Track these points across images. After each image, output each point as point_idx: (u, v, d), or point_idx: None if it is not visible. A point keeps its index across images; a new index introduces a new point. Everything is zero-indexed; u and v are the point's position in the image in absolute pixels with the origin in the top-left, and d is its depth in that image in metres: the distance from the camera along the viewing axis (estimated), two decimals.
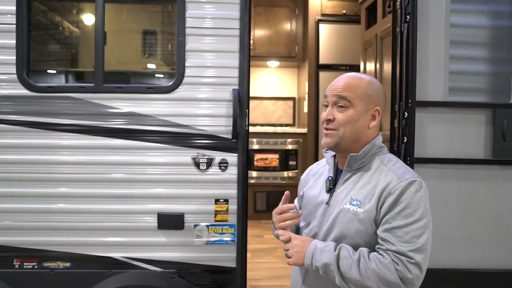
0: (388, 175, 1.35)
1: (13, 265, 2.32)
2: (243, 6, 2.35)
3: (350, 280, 1.29)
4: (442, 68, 2.37)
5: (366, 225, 1.33)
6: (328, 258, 1.31)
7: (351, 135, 1.41)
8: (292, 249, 1.39)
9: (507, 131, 2.37)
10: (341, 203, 1.39)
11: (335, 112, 1.41)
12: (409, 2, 2.34)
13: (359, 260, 1.29)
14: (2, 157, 2.31)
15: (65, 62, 2.93)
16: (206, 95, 2.36)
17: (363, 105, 1.41)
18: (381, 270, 1.25)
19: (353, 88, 1.41)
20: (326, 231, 1.41)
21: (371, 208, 1.33)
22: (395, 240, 1.27)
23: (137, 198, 2.34)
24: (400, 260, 1.25)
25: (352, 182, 1.41)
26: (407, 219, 1.28)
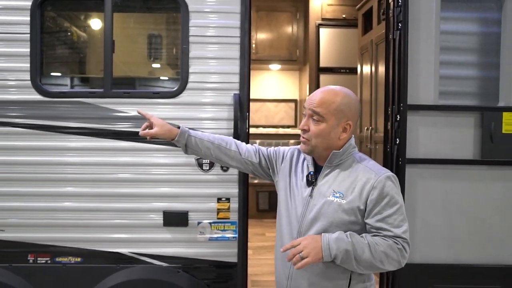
0: (366, 171, 1.54)
1: (27, 260, 2.46)
2: (243, 15, 2.47)
3: (362, 263, 1.46)
4: (433, 73, 2.48)
5: (350, 214, 1.52)
6: (345, 245, 1.45)
7: (322, 145, 1.56)
8: (306, 248, 1.45)
9: (494, 133, 2.48)
10: (324, 195, 1.55)
11: (310, 123, 1.57)
12: (401, 10, 2.45)
13: (369, 244, 1.47)
14: (18, 158, 2.45)
15: (76, 69, 3.07)
16: (209, 99, 2.49)
17: (335, 120, 1.55)
18: (387, 251, 1.47)
19: (326, 103, 1.54)
20: (311, 221, 1.55)
21: (354, 199, 1.52)
22: (389, 226, 1.49)
23: (143, 197, 2.47)
24: (398, 241, 1.49)
25: (332, 177, 1.57)
26: (393, 208, 1.50)
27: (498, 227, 2.52)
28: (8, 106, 2.44)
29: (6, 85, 2.45)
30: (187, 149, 1.76)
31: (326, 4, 5.05)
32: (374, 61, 3.35)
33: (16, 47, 2.44)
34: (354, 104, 1.60)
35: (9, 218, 2.46)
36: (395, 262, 1.50)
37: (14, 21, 2.43)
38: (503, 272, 2.52)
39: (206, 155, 1.78)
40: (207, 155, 1.78)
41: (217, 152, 1.77)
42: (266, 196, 5.01)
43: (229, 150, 1.77)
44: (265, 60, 5.38)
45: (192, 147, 1.76)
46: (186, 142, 1.74)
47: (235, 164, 1.79)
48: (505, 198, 2.51)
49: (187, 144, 1.75)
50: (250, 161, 1.77)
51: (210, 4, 2.48)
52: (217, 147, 1.76)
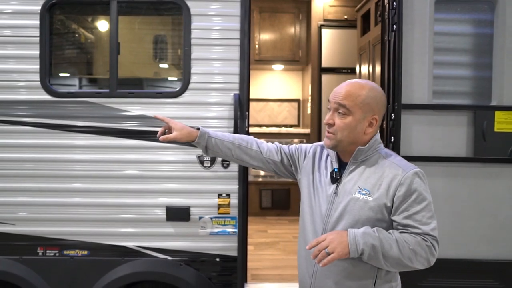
0: (392, 167, 1.50)
1: (37, 252, 2.57)
2: (243, 18, 2.56)
3: (389, 259, 1.42)
4: (427, 73, 2.55)
5: (376, 212, 1.47)
6: (373, 240, 1.41)
7: (348, 139, 1.51)
8: (331, 243, 1.40)
9: (487, 131, 2.54)
10: (350, 193, 1.50)
11: (336, 117, 1.52)
12: (396, 12, 2.53)
13: (396, 240, 1.42)
14: (27, 156, 2.57)
15: (83, 70, 3.19)
16: (210, 99, 2.59)
17: (361, 113, 1.50)
18: (416, 248, 1.42)
19: (352, 96, 1.50)
20: (337, 219, 1.51)
21: (381, 196, 1.47)
22: (417, 223, 1.45)
23: (147, 193, 2.58)
24: (427, 238, 1.44)
25: (357, 173, 1.52)
26: (420, 204, 1.46)
27: (490, 224, 2.58)
28: (18, 106, 2.56)
29: (16, 85, 2.57)
30: (207, 150, 1.71)
31: (328, 5, 5.12)
32: (371, 62, 3.42)
33: (26, 50, 2.55)
34: (381, 98, 1.55)
35: (19, 213, 2.57)
36: (423, 260, 1.45)
37: (24, 24, 2.55)
38: (496, 266, 2.58)
39: (226, 155, 1.73)
40: (228, 155, 1.72)
41: (238, 152, 1.71)
42: (269, 194, 5.09)
43: (250, 149, 1.71)
44: (268, 60, 5.46)
45: (212, 149, 1.70)
46: (206, 144, 1.69)
47: (257, 164, 1.73)
48: (497, 195, 2.57)
49: (207, 146, 1.70)
50: (272, 160, 1.71)
51: (211, 7, 2.57)
52: (238, 147, 1.70)
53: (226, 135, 1.73)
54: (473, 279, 2.57)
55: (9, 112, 2.56)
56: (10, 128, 2.56)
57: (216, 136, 1.70)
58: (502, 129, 2.55)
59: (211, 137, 1.70)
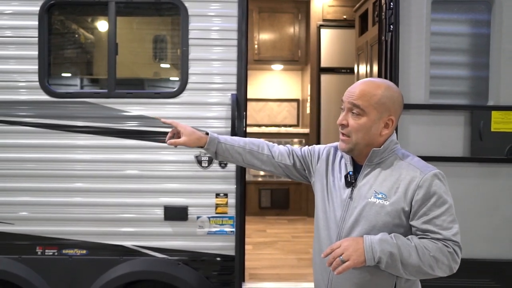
0: (410, 169, 1.42)
1: (36, 252, 2.59)
2: (240, 18, 2.57)
3: (408, 267, 1.34)
4: (423, 73, 2.56)
5: (394, 217, 1.40)
6: (390, 247, 1.33)
7: (363, 141, 1.44)
8: (346, 250, 1.34)
9: (483, 131, 2.55)
10: (365, 197, 1.43)
11: (349, 118, 1.44)
12: (392, 13, 2.54)
13: (416, 247, 1.34)
14: (26, 155, 2.58)
15: (82, 70, 3.20)
16: (208, 99, 2.60)
17: (377, 113, 1.42)
18: (437, 255, 1.34)
19: (367, 95, 1.42)
20: (352, 224, 1.44)
21: (398, 200, 1.39)
22: (437, 228, 1.36)
23: (145, 193, 2.59)
24: (449, 244, 1.36)
25: (373, 176, 1.45)
26: (440, 208, 1.38)
27: (487, 223, 2.59)
28: (18, 106, 2.58)
29: (16, 86, 2.58)
30: (217, 155, 1.66)
31: (327, 5, 5.13)
32: (369, 62, 3.43)
33: (25, 50, 2.57)
34: (398, 97, 1.47)
35: (18, 212, 2.59)
36: (445, 267, 1.37)
37: (23, 25, 2.57)
38: (493, 266, 2.59)
39: (237, 161, 1.67)
40: (238, 161, 1.67)
41: (249, 158, 1.65)
42: (268, 194, 5.10)
43: (261, 154, 1.65)
44: (268, 60, 5.47)
45: (222, 154, 1.65)
46: (216, 149, 1.64)
47: (268, 169, 1.67)
48: (493, 194, 2.58)
49: (217, 151, 1.64)
50: (284, 164, 1.65)
51: (209, 8, 2.59)
52: (249, 152, 1.65)
53: (236, 140, 1.67)
54: (470, 279, 2.57)
55: (8, 112, 2.57)
56: (9, 128, 2.57)
57: (226, 141, 1.65)
58: (499, 129, 2.56)
59: (221, 142, 1.64)
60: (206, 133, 1.65)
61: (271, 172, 1.70)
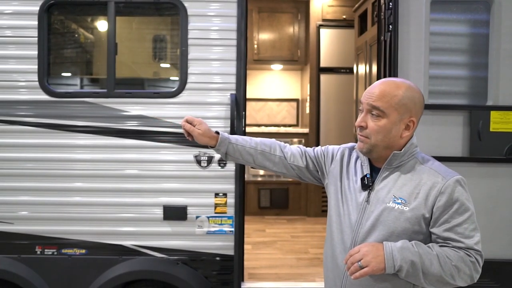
0: (431, 174, 1.37)
1: (35, 251, 2.59)
2: (239, 18, 2.58)
3: (429, 276, 1.30)
4: (422, 73, 2.56)
5: (413, 223, 1.35)
6: (412, 255, 1.29)
7: (383, 144, 1.38)
8: (366, 256, 1.29)
9: (482, 131, 2.56)
10: (383, 201, 1.38)
11: (369, 120, 1.39)
12: (391, 13, 2.54)
13: (437, 256, 1.30)
14: (26, 155, 2.59)
15: (81, 70, 3.21)
16: (207, 99, 2.60)
17: (397, 115, 1.37)
18: (459, 264, 1.30)
19: (388, 96, 1.36)
20: (369, 229, 1.39)
21: (418, 206, 1.34)
22: (458, 237, 1.32)
23: (145, 192, 2.59)
24: (471, 253, 1.32)
25: (391, 180, 1.40)
26: (463, 216, 1.33)
27: (486, 223, 2.58)
28: (17, 105, 2.58)
29: (15, 86, 2.59)
30: (227, 156, 1.59)
31: (327, 5, 5.13)
32: (368, 62, 3.44)
33: (24, 50, 2.57)
34: (419, 98, 1.40)
35: (18, 212, 2.59)
36: (467, 277, 1.33)
37: (22, 25, 2.57)
38: (492, 266, 2.59)
39: (248, 162, 1.61)
40: (249, 162, 1.60)
41: (260, 159, 1.59)
42: (267, 194, 5.10)
43: (273, 155, 1.59)
44: (267, 60, 5.47)
45: (233, 155, 1.59)
46: (226, 150, 1.58)
47: (280, 170, 1.61)
48: (492, 194, 2.58)
49: (227, 152, 1.58)
50: (297, 166, 1.59)
51: (208, 8, 2.59)
52: (261, 153, 1.59)
53: (248, 140, 1.61)
54: None
55: (8, 112, 2.58)
56: (9, 128, 2.58)
57: (237, 142, 1.58)
58: (498, 129, 2.56)
59: (232, 143, 1.58)
60: (217, 132, 1.59)
61: (282, 174, 1.63)
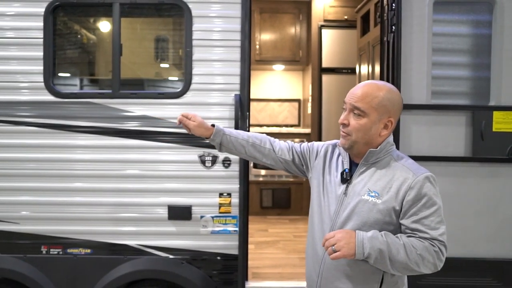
0: (403, 171, 1.49)
1: (40, 251, 2.61)
2: (243, 19, 2.59)
3: (396, 264, 1.41)
4: (425, 74, 2.57)
5: (385, 214, 1.47)
6: (380, 244, 1.41)
7: (362, 140, 1.51)
8: (340, 242, 1.41)
9: (485, 131, 2.57)
10: (359, 194, 1.50)
11: (351, 118, 1.51)
12: (394, 14, 2.56)
13: (404, 245, 1.41)
14: (31, 155, 2.61)
15: (86, 71, 3.22)
16: (211, 100, 2.62)
17: (377, 115, 1.49)
18: (423, 253, 1.41)
19: (369, 97, 1.48)
20: (345, 219, 1.51)
21: (390, 199, 1.46)
22: (425, 228, 1.43)
23: (150, 192, 2.61)
24: (435, 244, 1.43)
25: (367, 175, 1.52)
26: (430, 209, 1.45)
27: (488, 223, 2.61)
28: (22, 106, 2.60)
29: (21, 86, 2.60)
30: (221, 147, 1.75)
31: (328, 6, 5.14)
32: (371, 62, 3.45)
33: (30, 51, 2.59)
34: (398, 100, 1.53)
35: (24, 212, 2.61)
36: (431, 265, 1.44)
37: (28, 26, 2.59)
38: (494, 265, 2.61)
39: (240, 152, 1.76)
40: (241, 152, 1.76)
41: (251, 150, 1.74)
42: (269, 194, 5.11)
43: (263, 148, 1.74)
44: (269, 61, 5.49)
45: (226, 146, 1.74)
46: (220, 141, 1.73)
47: (269, 162, 1.76)
48: (495, 194, 2.60)
49: (221, 143, 1.73)
50: (284, 159, 1.74)
51: (212, 9, 2.61)
52: (252, 145, 1.74)
53: (241, 133, 1.76)
54: (471, 278, 2.60)
55: (13, 112, 2.59)
56: (14, 129, 2.60)
57: (230, 134, 1.74)
58: (500, 129, 2.58)
59: (226, 134, 1.74)
60: (212, 125, 1.74)
61: (271, 166, 1.77)
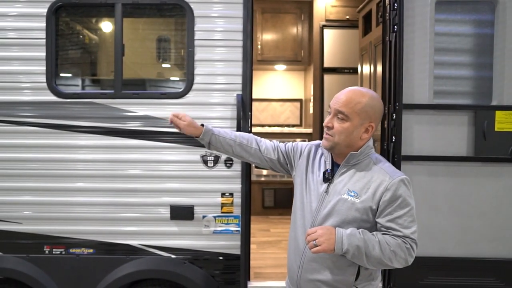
0: (380, 173, 1.61)
1: (43, 251, 2.62)
2: (245, 20, 2.59)
3: (371, 259, 1.54)
4: (427, 74, 2.58)
5: (362, 213, 1.59)
6: (357, 241, 1.53)
7: (344, 143, 1.62)
8: (321, 237, 1.52)
9: (487, 131, 2.57)
10: (339, 193, 1.62)
11: (335, 121, 1.62)
12: (397, 13, 2.56)
13: (379, 242, 1.55)
14: (34, 156, 2.61)
15: (88, 71, 3.23)
16: (213, 100, 2.62)
17: (359, 120, 1.60)
18: (396, 249, 1.55)
19: (352, 103, 1.60)
20: (325, 217, 1.63)
21: (367, 199, 1.59)
22: (398, 227, 1.57)
23: (152, 192, 2.62)
24: (407, 241, 1.57)
25: (348, 176, 1.64)
26: (404, 209, 1.58)
27: (490, 222, 2.60)
28: (25, 106, 2.60)
29: (23, 87, 2.61)
30: (210, 146, 1.84)
31: (330, 6, 5.14)
32: (373, 62, 3.45)
33: (32, 51, 2.60)
34: (379, 107, 1.65)
35: (26, 212, 2.62)
36: (402, 260, 1.57)
37: (31, 27, 2.59)
38: (496, 265, 2.60)
39: (227, 151, 1.85)
40: (228, 151, 1.85)
41: (238, 149, 1.83)
42: (271, 194, 5.11)
43: (249, 147, 1.83)
44: (271, 61, 5.48)
45: (215, 145, 1.83)
46: (209, 140, 1.82)
47: (254, 160, 1.85)
48: (497, 193, 2.59)
49: (210, 142, 1.82)
50: (269, 158, 1.83)
51: (214, 9, 2.61)
52: (239, 145, 1.83)
53: (229, 133, 1.85)
54: (473, 277, 2.59)
55: (16, 113, 2.60)
56: (17, 129, 2.60)
57: (219, 134, 1.84)
58: (503, 128, 2.58)
59: (215, 134, 1.83)
60: (202, 125, 1.84)
61: (257, 164, 1.87)
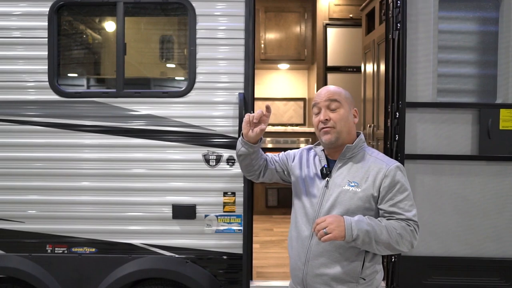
0: (377, 162, 1.73)
1: (46, 250, 2.62)
2: (247, 18, 2.58)
3: (380, 243, 1.61)
4: (431, 72, 2.55)
5: (365, 201, 1.69)
6: (366, 225, 1.60)
7: (345, 129, 1.75)
8: (331, 225, 1.59)
9: (492, 129, 2.55)
10: (340, 185, 1.72)
11: (329, 113, 1.74)
12: (400, 11, 2.54)
13: (386, 226, 1.62)
14: (36, 155, 2.62)
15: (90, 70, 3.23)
16: (215, 98, 2.61)
17: (348, 106, 1.78)
18: (402, 232, 1.63)
19: (337, 93, 1.78)
20: (328, 209, 1.71)
21: (368, 187, 1.69)
22: (401, 210, 1.66)
23: (154, 191, 2.61)
24: (410, 223, 1.66)
25: (346, 169, 1.75)
26: (403, 194, 1.68)
27: (495, 222, 2.58)
28: (27, 106, 2.61)
29: (25, 86, 2.61)
30: (252, 155, 1.90)
31: (333, 4, 5.13)
32: (376, 60, 3.42)
33: (34, 51, 2.60)
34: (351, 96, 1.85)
35: (29, 211, 2.62)
36: (408, 243, 1.65)
37: (33, 26, 2.60)
38: (501, 264, 2.58)
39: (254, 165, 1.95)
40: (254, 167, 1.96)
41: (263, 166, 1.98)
42: (275, 193, 5.11)
43: (272, 169, 1.99)
44: (274, 60, 5.48)
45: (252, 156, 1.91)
46: (253, 151, 1.90)
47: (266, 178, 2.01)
48: (502, 192, 2.57)
49: (254, 151, 1.90)
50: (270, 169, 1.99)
51: (216, 7, 2.60)
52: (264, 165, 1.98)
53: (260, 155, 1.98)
54: (478, 277, 2.57)
55: (18, 112, 2.60)
56: (19, 128, 2.61)
57: (258, 153, 1.95)
58: (507, 127, 2.55)
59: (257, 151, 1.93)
60: None
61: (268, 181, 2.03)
